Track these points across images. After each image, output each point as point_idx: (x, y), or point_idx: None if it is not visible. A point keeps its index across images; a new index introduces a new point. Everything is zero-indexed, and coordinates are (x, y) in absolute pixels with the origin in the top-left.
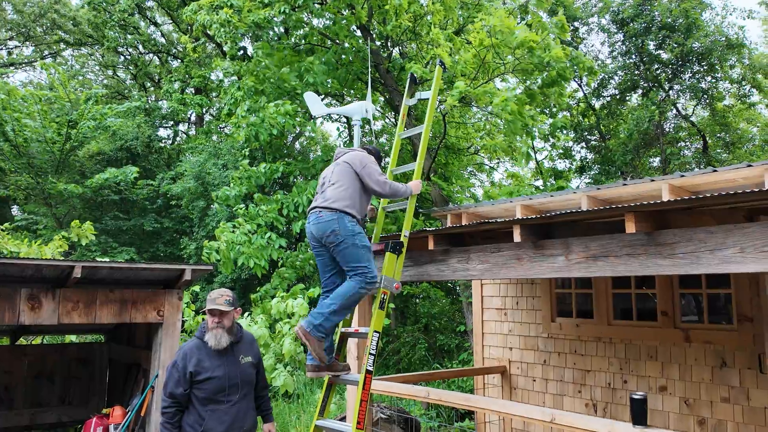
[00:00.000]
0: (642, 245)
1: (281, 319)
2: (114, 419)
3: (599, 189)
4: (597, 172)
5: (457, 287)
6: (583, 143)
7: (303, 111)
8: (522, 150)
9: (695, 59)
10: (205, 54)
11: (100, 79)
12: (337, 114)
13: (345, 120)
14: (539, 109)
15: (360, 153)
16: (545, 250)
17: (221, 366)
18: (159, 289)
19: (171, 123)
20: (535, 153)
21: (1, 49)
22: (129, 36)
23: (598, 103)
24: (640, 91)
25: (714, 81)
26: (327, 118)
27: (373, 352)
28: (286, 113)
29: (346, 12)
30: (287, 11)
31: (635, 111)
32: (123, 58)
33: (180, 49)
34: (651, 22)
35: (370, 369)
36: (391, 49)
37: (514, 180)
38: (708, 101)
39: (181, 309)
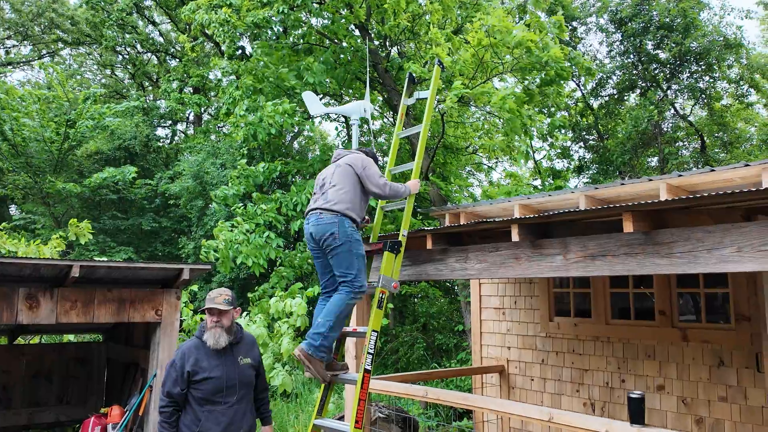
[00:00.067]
0: (640, 244)
1: (280, 319)
2: (112, 419)
3: (597, 188)
4: (595, 171)
5: (456, 287)
6: (581, 143)
7: (301, 110)
8: (521, 149)
9: (693, 59)
10: (204, 53)
11: (98, 79)
12: (336, 113)
13: (344, 119)
14: (537, 109)
15: (360, 155)
16: (543, 249)
17: (219, 366)
18: (157, 289)
19: (169, 122)
20: (534, 153)
21: None
22: (127, 35)
23: (596, 103)
24: (638, 91)
25: (712, 81)
26: (325, 117)
27: (372, 351)
28: (284, 112)
29: (344, 11)
30: (285, 11)
31: (633, 111)
32: (121, 57)
33: (178, 49)
34: (649, 21)
35: (368, 368)
36: (390, 49)
37: (512, 179)
38: (706, 101)
39: (180, 308)
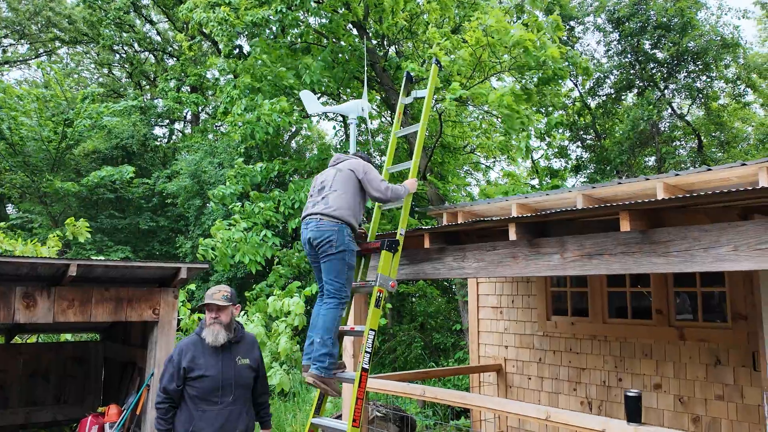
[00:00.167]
0: (637, 243)
1: (277, 318)
2: (109, 418)
3: (594, 188)
4: (592, 171)
5: (453, 286)
6: (579, 142)
7: (299, 109)
8: (519, 146)
9: (690, 59)
10: (201, 52)
11: (95, 78)
12: (333, 113)
13: (341, 119)
14: (535, 108)
15: (360, 160)
16: (541, 248)
17: (216, 365)
18: (154, 288)
19: (167, 121)
20: (531, 152)
21: None
22: (124, 34)
23: (593, 102)
24: (635, 90)
25: (709, 80)
26: (323, 116)
27: (369, 350)
28: (281, 110)
29: (342, 10)
30: (284, 10)
31: (631, 110)
32: (118, 56)
33: (176, 48)
34: (646, 21)
35: (366, 367)
36: (388, 48)
37: (509, 179)
38: (703, 100)
39: (177, 307)
